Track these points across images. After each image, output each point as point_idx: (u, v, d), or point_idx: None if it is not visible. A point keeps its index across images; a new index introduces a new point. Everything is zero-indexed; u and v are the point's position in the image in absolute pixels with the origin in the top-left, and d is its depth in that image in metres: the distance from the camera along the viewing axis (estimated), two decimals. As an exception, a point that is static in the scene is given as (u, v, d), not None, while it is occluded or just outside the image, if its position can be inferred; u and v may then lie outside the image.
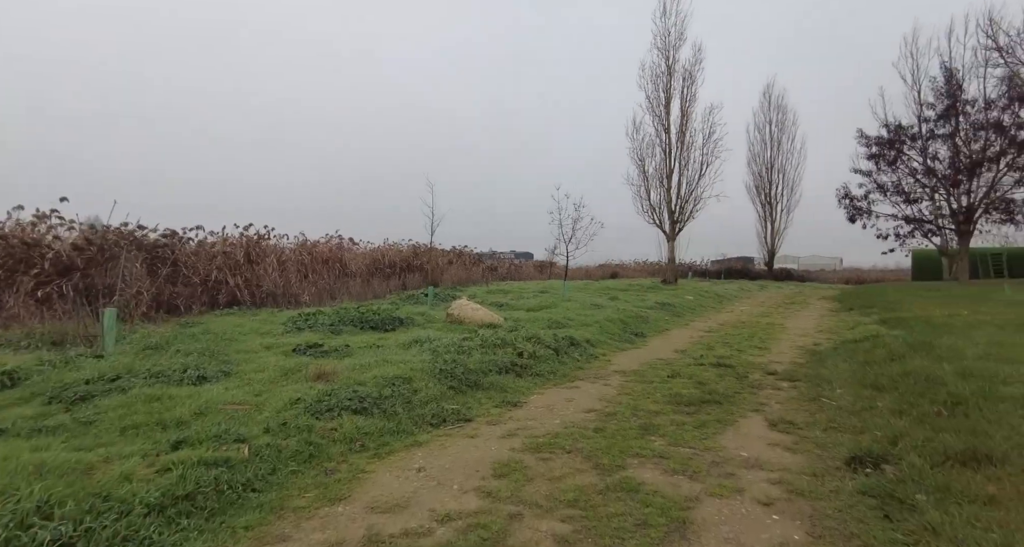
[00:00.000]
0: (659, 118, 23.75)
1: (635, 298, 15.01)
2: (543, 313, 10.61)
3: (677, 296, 16.36)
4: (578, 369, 6.59)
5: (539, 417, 4.53)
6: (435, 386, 5.01)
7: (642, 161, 24.05)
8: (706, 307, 15.25)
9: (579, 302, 12.90)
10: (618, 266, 48.92)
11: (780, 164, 41.45)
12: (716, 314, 13.94)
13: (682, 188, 23.62)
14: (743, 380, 5.82)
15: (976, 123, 20.88)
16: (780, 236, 42.32)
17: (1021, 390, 3.89)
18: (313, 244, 14.88)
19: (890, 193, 23.26)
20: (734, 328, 10.60)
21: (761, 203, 42.34)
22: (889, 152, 22.75)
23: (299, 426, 3.85)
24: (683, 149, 23.46)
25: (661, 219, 24.03)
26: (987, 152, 20.51)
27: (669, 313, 12.61)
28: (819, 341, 8.75)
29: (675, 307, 13.50)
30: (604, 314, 10.61)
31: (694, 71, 23.75)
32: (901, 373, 4.79)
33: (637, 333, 9.53)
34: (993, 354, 5.26)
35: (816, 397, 4.93)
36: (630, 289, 19.25)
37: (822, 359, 6.84)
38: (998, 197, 20.72)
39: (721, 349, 7.93)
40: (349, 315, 8.79)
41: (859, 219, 24.10)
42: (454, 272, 20.18)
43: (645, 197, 24.07)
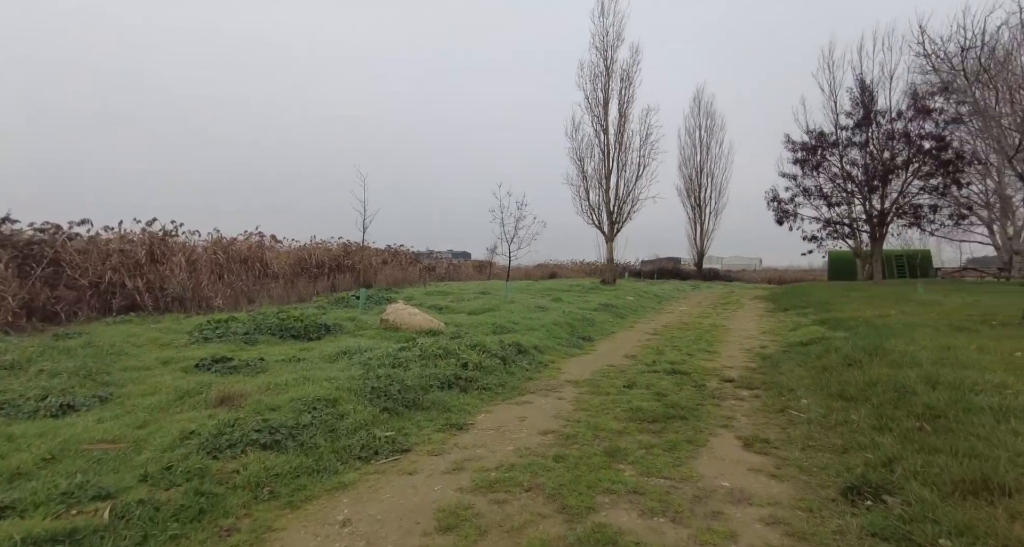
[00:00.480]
0: (598, 119, 23.83)
1: (578, 299, 14.73)
2: (486, 317, 10.01)
3: (618, 297, 16.26)
4: (528, 380, 6.05)
5: (489, 443, 3.93)
6: (366, 408, 4.29)
7: (581, 161, 24.05)
8: (647, 308, 15.23)
9: (522, 304, 12.41)
10: (557, 266, 49.13)
11: (709, 168, 43.05)
12: (657, 315, 13.90)
13: (620, 189, 23.82)
14: (702, 389, 5.48)
15: (887, 133, 22.35)
16: (708, 237, 44.00)
17: (995, 400, 3.72)
18: (230, 242, 13.49)
19: (813, 197, 24.53)
20: (679, 330, 10.47)
21: (691, 205, 43.82)
22: (813, 157, 23.96)
23: (189, 470, 3.05)
24: (621, 150, 23.66)
25: (600, 220, 24.11)
26: (897, 160, 22.01)
27: (613, 315, 12.37)
28: (765, 343, 8.71)
29: (618, 308, 13.32)
30: (550, 317, 10.16)
31: (632, 72, 24.04)
32: (867, 382, 4.59)
33: (584, 337, 9.14)
34: (946, 359, 5.20)
35: (783, 408, 4.65)
36: (572, 290, 19.05)
37: (775, 364, 6.68)
38: (907, 202, 22.31)
39: (671, 353, 7.65)
40: (267, 322, 7.81)
41: (786, 221, 25.26)
42: (389, 272, 19.18)
43: (585, 197, 24.08)
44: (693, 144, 43.11)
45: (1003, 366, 4.86)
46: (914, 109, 20.81)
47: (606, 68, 23.90)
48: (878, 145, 22.32)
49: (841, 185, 23.86)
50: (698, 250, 44.32)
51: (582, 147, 23.97)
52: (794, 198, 25.17)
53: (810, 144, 24.23)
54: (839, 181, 23.90)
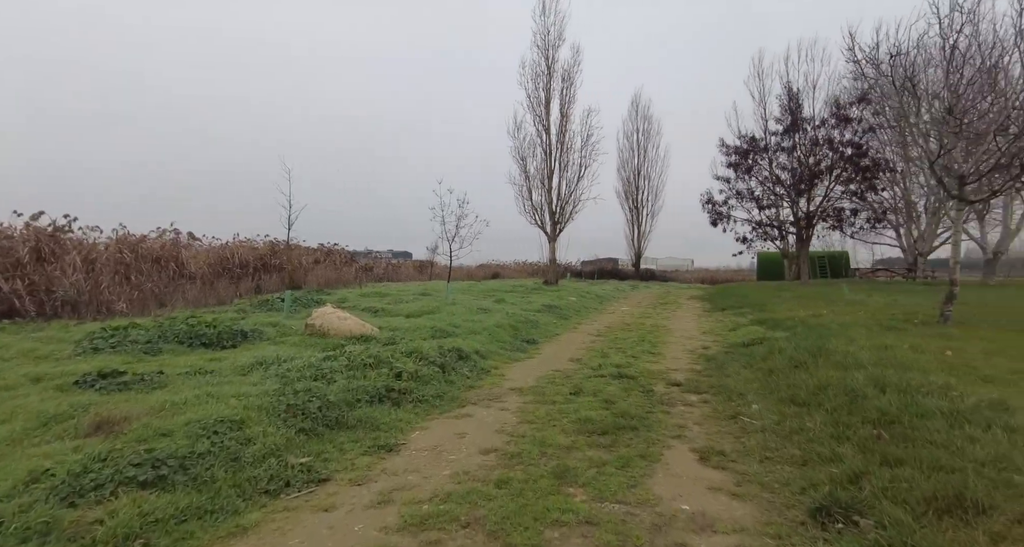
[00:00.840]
0: (539, 118, 23.68)
1: (521, 300, 14.43)
2: (425, 320, 9.48)
3: (561, 298, 16.11)
4: (469, 389, 5.61)
5: (423, 466, 3.46)
6: (279, 430, 3.71)
7: (523, 161, 23.83)
8: (589, 308, 15.15)
9: (464, 306, 11.95)
10: (500, 266, 48.85)
11: (646, 171, 44.11)
12: (600, 316, 13.82)
13: (562, 190, 23.79)
14: (650, 395, 5.24)
15: (812, 139, 23.55)
16: (646, 239, 45.11)
17: (943, 403, 3.66)
18: (139, 239, 12.19)
19: (746, 200, 25.52)
20: (622, 331, 10.35)
21: (629, 208, 44.77)
22: (745, 161, 24.92)
23: (30, 526, 2.40)
24: (563, 151, 23.63)
25: (543, 220, 23.99)
26: (821, 165, 23.23)
27: (556, 316, 12.14)
28: (707, 344, 8.70)
29: (561, 309, 13.11)
30: (493, 319, 9.76)
31: (573, 72, 24.07)
32: (817, 386, 4.49)
33: (528, 340, 8.80)
34: (887, 359, 5.23)
35: (734, 415, 4.46)
36: (515, 291, 18.74)
37: (721, 366, 6.59)
38: (830, 206, 23.64)
39: (616, 356, 7.44)
40: (175, 328, 6.95)
41: (720, 223, 26.14)
42: (321, 273, 18.15)
43: (527, 197, 23.87)
44: (631, 147, 44.07)
45: (940, 366, 4.91)
46: (836, 117, 22.06)
47: (547, 67, 23.82)
48: (804, 151, 23.50)
49: (771, 188, 24.96)
50: (636, 251, 45.37)
51: (524, 146, 23.79)
52: (727, 201, 26.10)
53: (743, 148, 25.20)
54: (769, 185, 25.00)
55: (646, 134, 43.82)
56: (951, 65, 7.57)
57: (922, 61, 8.00)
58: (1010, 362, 5.05)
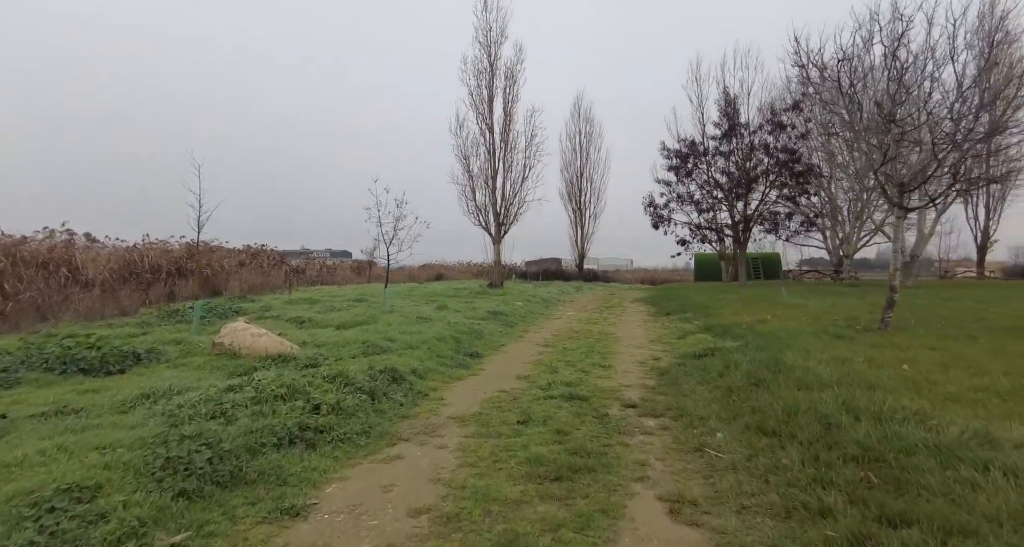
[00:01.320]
0: (483, 116, 23.11)
1: (465, 306, 13.76)
2: (357, 332, 8.66)
3: (507, 302, 15.57)
4: (402, 419, 4.91)
5: (336, 538, 2.77)
6: (149, 497, 2.90)
7: (467, 160, 23.18)
8: (536, 314, 14.69)
9: (403, 314, 11.16)
10: (444, 267, 47.84)
11: (589, 173, 44.54)
12: (547, 322, 13.38)
13: (507, 190, 23.32)
14: (605, 421, 4.75)
15: (749, 144, 24.27)
16: (589, 240, 45.53)
17: (924, 434, 3.36)
18: (17, 242, 10.59)
19: (686, 203, 25.99)
20: (570, 340, 9.91)
21: (573, 209, 45.07)
22: (685, 165, 25.38)
23: None
24: (507, 150, 23.15)
25: (487, 221, 23.41)
26: (757, 170, 24.02)
27: (502, 324, 11.57)
28: (657, 354, 8.38)
29: (507, 316, 12.56)
30: (433, 330, 9.06)
31: (516, 71, 23.65)
32: (785, 411, 4.13)
33: (472, 353, 8.16)
34: (848, 376, 4.99)
35: (699, 447, 4.02)
36: (458, 295, 18.05)
37: (675, 381, 6.21)
38: (766, 210, 24.46)
39: (566, 371, 6.95)
40: (47, 350, 5.84)
41: (661, 226, 26.50)
42: (246, 276, 16.75)
43: (471, 197, 23.23)
44: (574, 149, 44.40)
45: (903, 383, 4.70)
46: (771, 123, 22.81)
47: (490, 64, 23.28)
48: (742, 156, 24.19)
49: (710, 192, 25.55)
50: (579, 252, 45.69)
51: (467, 145, 23.13)
52: (668, 203, 26.51)
53: (683, 152, 25.67)
54: (708, 188, 25.59)
55: (588, 136, 44.25)
56: (891, 73, 7.62)
57: (864, 68, 7.99)
58: (967, 376, 4.93)
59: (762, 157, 23.74)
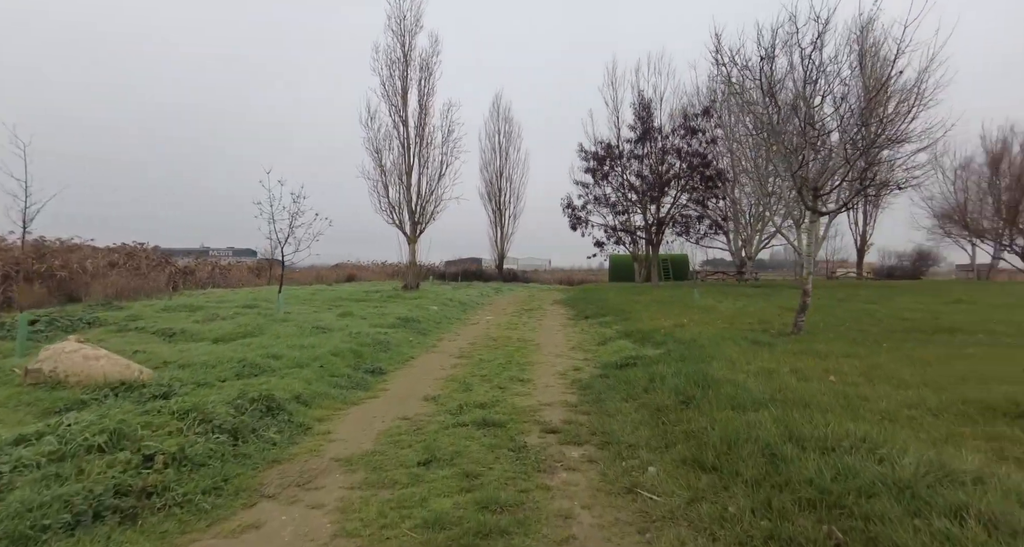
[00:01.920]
0: (396, 109, 21.90)
1: (374, 312, 12.66)
2: (236, 347, 7.42)
3: (421, 307, 14.61)
4: (271, 465, 3.94)
5: None
6: None
7: (379, 154, 21.86)
8: (452, 319, 13.86)
9: (298, 323, 9.94)
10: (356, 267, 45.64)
11: (508, 173, 44.33)
12: (464, 327, 12.60)
13: (422, 187, 22.26)
14: (523, 455, 4.06)
15: (663, 148, 24.92)
16: (508, 240, 45.34)
17: (880, 469, 2.97)
18: None
19: (603, 205, 26.26)
20: (487, 349, 9.20)
21: (492, 209, 44.70)
22: (602, 167, 25.62)
23: None
24: (423, 145, 22.10)
25: (401, 219, 22.22)
26: (670, 174, 24.73)
27: (414, 332, 10.64)
28: (578, 364, 7.87)
29: (420, 323, 11.63)
30: (331, 343, 7.99)
31: (431, 62, 22.67)
32: (723, 440, 3.65)
33: (374, 369, 7.21)
34: (780, 393, 4.67)
35: (631, 487, 3.43)
36: (368, 298, 16.83)
37: (598, 398, 5.67)
38: (678, 213, 25.24)
39: (481, 388, 6.23)
40: None
41: (579, 227, 26.61)
42: (116, 280, 14.50)
43: (383, 194, 21.94)
44: (493, 148, 44.07)
45: (837, 401, 4.42)
46: (684, 128, 23.53)
47: (404, 54, 22.11)
48: (655, 159, 24.76)
49: (625, 195, 25.97)
50: (499, 252, 45.36)
51: (379, 138, 21.82)
52: (586, 205, 26.67)
53: (599, 155, 25.90)
54: (624, 191, 26.00)
55: (507, 136, 44.08)
56: (808, 75, 7.64)
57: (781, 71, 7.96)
58: (894, 390, 4.77)
59: (674, 161, 24.48)
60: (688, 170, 23.69)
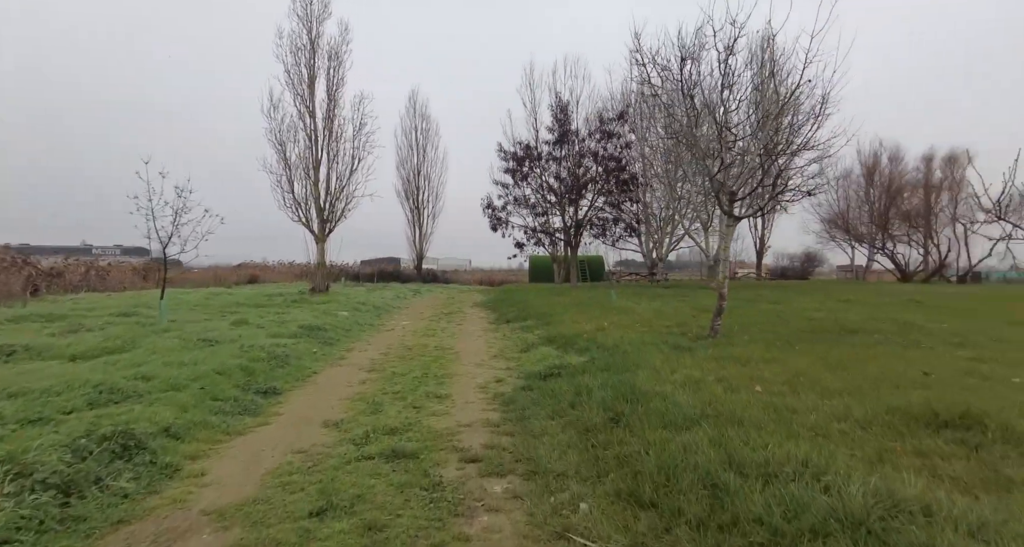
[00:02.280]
0: (302, 98, 20.40)
1: (274, 319, 11.50)
2: (97, 367, 6.26)
3: (329, 312, 13.55)
4: (116, 527, 3.12)
5: None
6: None
7: (283, 146, 20.27)
8: (364, 326, 12.93)
9: (182, 334, 8.72)
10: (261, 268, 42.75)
11: (426, 171, 43.46)
12: (377, 335, 11.76)
13: (332, 183, 20.91)
14: (437, 495, 3.52)
15: (579, 151, 25.17)
16: (427, 240, 44.41)
17: (829, 501, 2.73)
18: None
19: (522, 206, 26.12)
20: (401, 360, 8.52)
21: (410, 208, 43.66)
22: (522, 168, 25.46)
23: None
24: (331, 138, 20.76)
25: (309, 217, 20.73)
26: (587, 177, 25.02)
27: (318, 342, 9.69)
28: (500, 374, 7.42)
29: (327, 331, 10.67)
30: (218, 358, 6.99)
31: (341, 51, 21.39)
32: (659, 468, 3.33)
33: (267, 389, 6.32)
34: (711, 407, 4.47)
35: (562, 532, 3.00)
36: (270, 303, 15.46)
37: (522, 415, 5.24)
38: (595, 215, 25.61)
39: (392, 409, 5.60)
40: None
41: (500, 228, 26.29)
42: (-50, 285, 12.19)
43: (288, 189, 20.35)
44: (410, 145, 43.04)
45: (768, 415, 4.26)
46: (600, 132, 23.89)
47: (311, 41, 20.67)
48: (573, 162, 24.96)
49: (544, 196, 25.99)
50: (418, 252, 44.33)
51: (283, 129, 20.20)
52: (506, 206, 26.43)
53: (519, 155, 25.72)
54: (543, 193, 26.02)
55: (425, 133, 43.27)
56: (725, 79, 7.71)
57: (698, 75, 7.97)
58: (819, 399, 4.72)
59: (591, 164, 24.79)
60: (604, 173, 24.09)
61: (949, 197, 37.57)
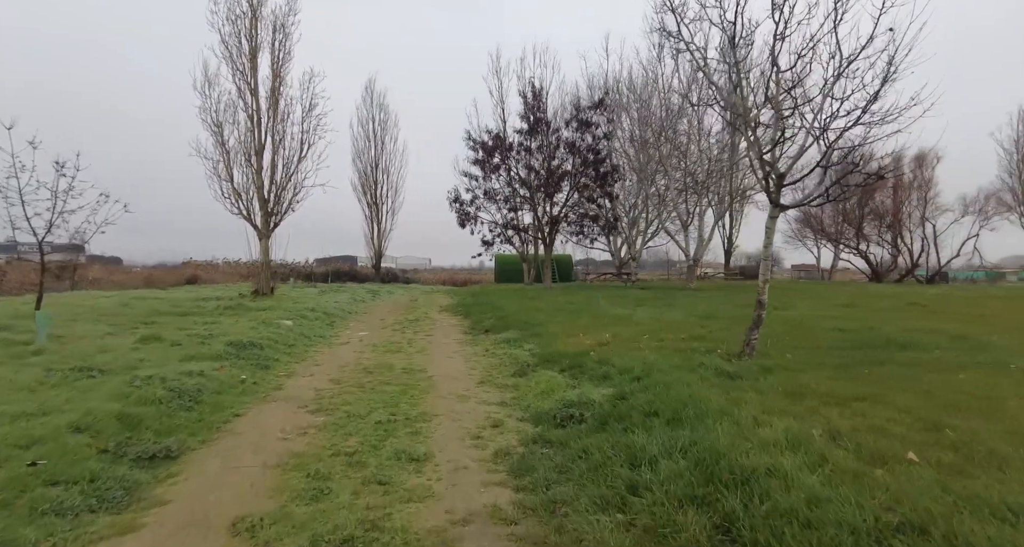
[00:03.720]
0: (242, 73, 17.89)
1: (197, 333, 9.29)
2: None
3: (269, 322, 11.34)
4: None
5: None
6: None
7: (219, 128, 17.72)
8: (312, 340, 10.80)
9: (53, 362, 6.51)
10: (204, 267, 39.37)
11: (384, 164, 41.26)
12: (327, 352, 9.70)
13: (278, 171, 18.49)
14: None
15: (553, 143, 23.37)
16: (387, 237, 42.11)
17: None
18: None
19: (492, 200, 24.22)
20: (358, 391, 6.55)
21: (367, 203, 41.35)
22: (491, 160, 23.50)
23: None
24: (277, 120, 18.36)
25: (250, 209, 18.25)
26: (563, 169, 23.22)
27: (249, 365, 7.59)
28: (495, 414, 5.57)
29: (262, 349, 8.54)
30: (86, 402, 4.88)
31: (288, 23, 18.96)
32: None
33: (155, 453, 4.26)
34: (871, 499, 2.75)
35: None
36: (198, 311, 13.08)
37: (550, 500, 3.42)
38: (572, 211, 23.86)
39: (345, 488, 3.69)
40: None
41: (468, 224, 24.33)
42: None
43: (226, 177, 17.80)
44: (367, 137, 40.68)
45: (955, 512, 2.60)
46: (577, 121, 22.13)
47: (252, 9, 18.19)
48: (548, 153, 23.11)
49: (516, 190, 24.16)
50: (376, 250, 41.89)
51: (220, 108, 17.65)
52: (475, 200, 24.46)
53: (489, 145, 23.73)
54: (515, 186, 24.19)
55: (383, 125, 41.10)
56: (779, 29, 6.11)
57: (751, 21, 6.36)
58: (997, 483, 3.10)
59: (567, 156, 23.02)
60: (582, 165, 22.36)
61: (919, 197, 37.95)
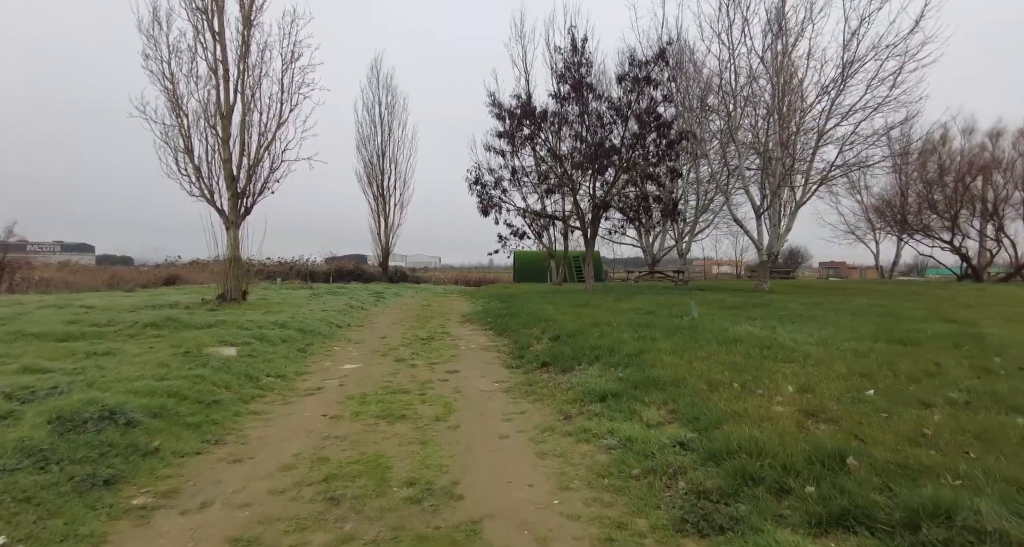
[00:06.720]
0: (202, 12, 14.27)
1: (106, 368, 5.70)
2: None
3: (204, 349, 7.66)
4: None
5: None
6: None
7: (174, 84, 14.12)
8: (257, 383, 7.04)
9: None
10: (187, 266, 36.45)
11: (392, 153, 38.07)
12: (261, 428, 6.03)
13: (252, 140, 14.87)
14: None
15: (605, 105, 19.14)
16: (395, 233, 38.79)
17: None
18: None
19: (521, 183, 20.36)
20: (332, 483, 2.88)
21: (374, 195, 38.14)
22: (520, 131, 19.49)
23: None
24: (249, 72, 14.74)
25: (216, 189, 14.68)
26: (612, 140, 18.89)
27: (170, 427, 3.94)
28: None
29: (199, 391, 4.89)
30: None
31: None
32: None
33: None
34: None
35: None
36: (111, 327, 9.45)
37: None
38: (624, 193, 19.59)
39: None
40: None
41: (492, 212, 20.52)
42: None
43: (183, 148, 14.24)
44: (373, 121, 37.53)
45: None
46: (631, 79, 17.99)
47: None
48: (592, 121, 18.93)
49: (553, 167, 20.20)
50: (383, 247, 38.58)
51: (173, 57, 14.05)
52: (500, 182, 20.61)
53: (516, 113, 19.67)
54: (548, 163, 20.28)
55: (390, 108, 38.00)
56: None
57: None
58: None
59: (616, 122, 18.57)
60: (639, 135, 18.05)
61: (1013, 180, 33.37)
